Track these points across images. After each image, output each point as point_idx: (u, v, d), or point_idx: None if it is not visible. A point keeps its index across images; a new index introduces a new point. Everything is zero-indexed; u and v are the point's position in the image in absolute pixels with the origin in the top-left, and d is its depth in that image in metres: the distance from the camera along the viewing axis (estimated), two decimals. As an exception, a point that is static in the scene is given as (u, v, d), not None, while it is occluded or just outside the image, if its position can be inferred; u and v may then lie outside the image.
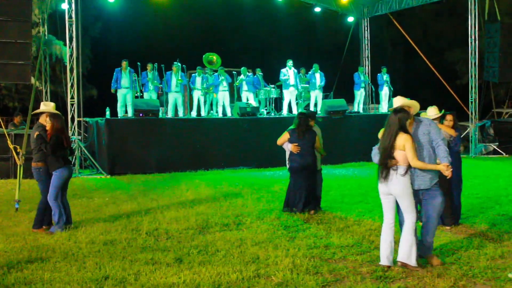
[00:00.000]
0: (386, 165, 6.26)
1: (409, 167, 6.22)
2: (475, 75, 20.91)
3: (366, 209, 9.97)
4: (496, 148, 20.64)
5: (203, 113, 18.53)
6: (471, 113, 20.84)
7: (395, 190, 6.25)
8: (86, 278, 6.05)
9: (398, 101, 6.50)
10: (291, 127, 9.80)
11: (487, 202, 10.43)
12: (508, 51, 20.24)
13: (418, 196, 6.40)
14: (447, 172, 6.19)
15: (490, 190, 11.86)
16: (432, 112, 8.07)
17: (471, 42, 20.90)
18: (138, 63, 17.70)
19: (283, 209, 9.80)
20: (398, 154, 6.20)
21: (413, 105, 6.50)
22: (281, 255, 6.88)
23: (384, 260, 6.34)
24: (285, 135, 9.73)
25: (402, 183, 6.22)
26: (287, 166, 9.92)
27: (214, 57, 19.06)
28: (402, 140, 6.16)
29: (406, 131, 6.21)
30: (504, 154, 20.32)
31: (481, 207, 9.86)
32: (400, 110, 6.32)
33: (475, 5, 20.81)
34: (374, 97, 21.84)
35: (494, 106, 25.97)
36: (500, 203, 10.30)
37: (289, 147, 9.68)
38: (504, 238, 7.64)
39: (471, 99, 20.89)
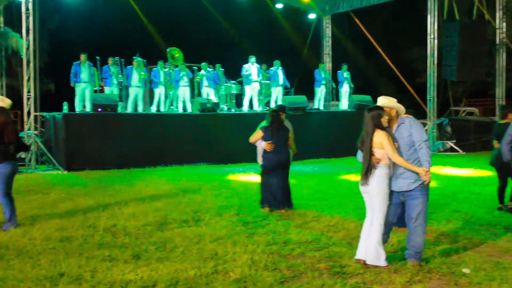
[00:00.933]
0: (366, 163, 6.23)
1: (389, 166, 6.21)
2: (433, 74, 21.24)
3: (325, 206, 10.01)
4: (454, 146, 21.00)
5: (162, 109, 18.36)
6: (429, 111, 21.20)
7: (371, 188, 6.24)
8: (41, 276, 5.91)
9: (379, 100, 6.38)
10: (264, 124, 9.64)
11: (444, 199, 10.58)
12: (466, 50, 20.60)
13: (398, 198, 6.32)
14: (425, 177, 6.13)
15: (447, 187, 12.05)
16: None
17: (430, 41, 21.22)
18: (97, 57, 17.42)
19: (261, 207, 9.65)
20: (377, 152, 6.17)
21: (396, 107, 6.33)
22: (240, 251, 6.86)
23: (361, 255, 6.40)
24: (258, 133, 9.57)
25: (378, 182, 6.21)
26: (260, 163, 9.83)
27: (177, 54, 18.89)
28: (379, 138, 6.13)
29: (382, 128, 6.17)
30: (461, 151, 20.70)
31: (438, 204, 9.99)
32: (374, 108, 6.27)
33: (434, 4, 21.12)
34: (334, 94, 22.00)
35: (451, 104, 26.48)
36: (456, 200, 10.48)
37: (262, 145, 9.56)
38: (459, 234, 7.78)
39: (430, 97, 21.24)
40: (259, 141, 9.60)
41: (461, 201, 10.37)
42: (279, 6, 25.23)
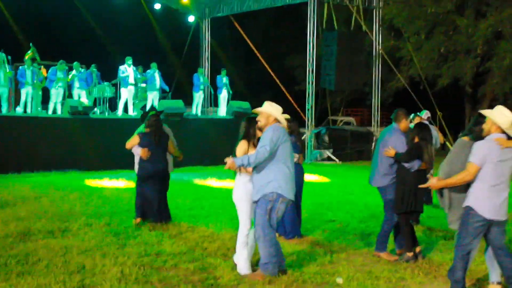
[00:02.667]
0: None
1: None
2: (312, 82, 21.53)
3: (200, 215, 9.79)
4: (330, 155, 21.49)
5: (29, 110, 17.27)
6: (308, 120, 21.57)
7: (233, 196, 6.44)
8: None
9: (263, 106, 6.34)
10: (141, 129, 9.07)
11: (319, 208, 10.69)
12: (344, 59, 21.19)
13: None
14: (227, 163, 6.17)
15: (322, 197, 12.20)
16: None
17: (309, 49, 21.54)
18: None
19: (135, 217, 8.98)
20: None
21: (271, 113, 6.23)
22: (109, 263, 6.58)
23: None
24: (135, 138, 8.88)
25: (236, 191, 6.46)
26: (136, 171, 9.20)
27: (27, 56, 17.93)
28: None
29: (246, 139, 6.40)
30: (337, 161, 21.24)
31: (313, 214, 10.10)
32: (247, 119, 6.50)
33: (314, 12, 21.39)
34: (212, 100, 21.81)
35: (329, 114, 27.18)
36: (332, 209, 10.60)
37: (138, 152, 8.91)
38: (334, 244, 7.91)
39: (308, 106, 21.53)
40: (135, 148, 8.98)
41: (336, 211, 10.50)
42: (158, 6, 24.79)
